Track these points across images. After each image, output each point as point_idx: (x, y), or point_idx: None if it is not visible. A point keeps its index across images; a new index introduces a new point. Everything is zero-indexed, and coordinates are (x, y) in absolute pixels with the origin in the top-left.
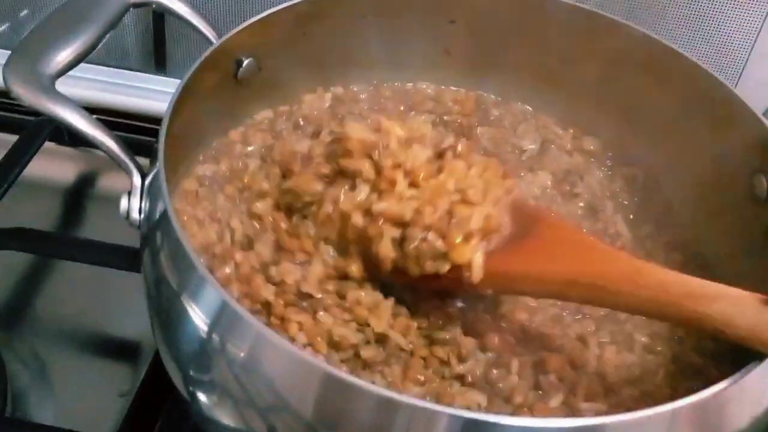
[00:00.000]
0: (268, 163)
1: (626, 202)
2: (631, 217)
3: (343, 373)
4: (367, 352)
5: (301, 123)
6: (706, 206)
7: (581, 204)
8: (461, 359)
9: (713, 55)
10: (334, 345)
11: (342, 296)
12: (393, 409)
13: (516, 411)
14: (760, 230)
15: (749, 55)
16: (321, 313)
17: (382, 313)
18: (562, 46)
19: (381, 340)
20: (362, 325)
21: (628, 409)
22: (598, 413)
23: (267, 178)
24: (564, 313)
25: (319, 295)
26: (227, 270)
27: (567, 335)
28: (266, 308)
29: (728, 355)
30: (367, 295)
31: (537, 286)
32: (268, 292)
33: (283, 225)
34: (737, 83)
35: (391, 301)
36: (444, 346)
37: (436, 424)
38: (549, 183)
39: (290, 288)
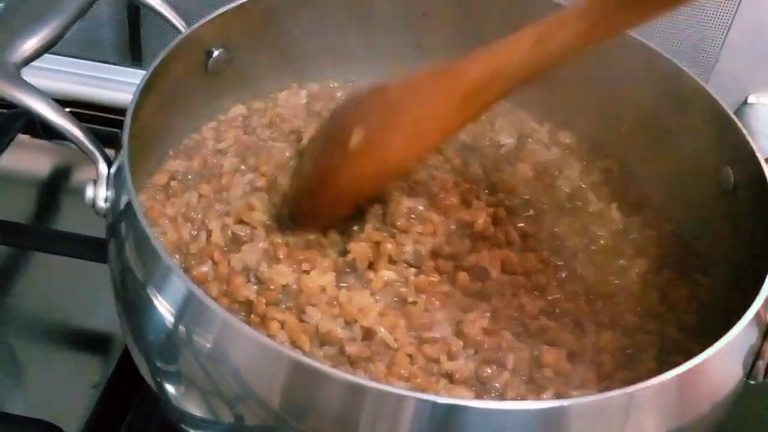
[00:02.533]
0: (251, 171)
1: (606, 193)
2: (615, 206)
3: (309, 360)
4: (352, 348)
5: (277, 121)
6: (681, 197)
7: (567, 190)
8: (451, 356)
9: (686, 49)
10: (320, 339)
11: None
12: (360, 395)
13: None
14: (730, 220)
15: (720, 49)
16: (309, 307)
17: (371, 309)
18: None
19: (367, 336)
20: (350, 321)
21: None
22: None
23: (252, 189)
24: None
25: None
26: (204, 268)
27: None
28: (246, 307)
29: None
30: (357, 294)
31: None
32: (249, 291)
33: (279, 239)
34: (709, 77)
35: (380, 304)
36: (433, 345)
37: (404, 410)
38: (530, 175)
39: (276, 288)
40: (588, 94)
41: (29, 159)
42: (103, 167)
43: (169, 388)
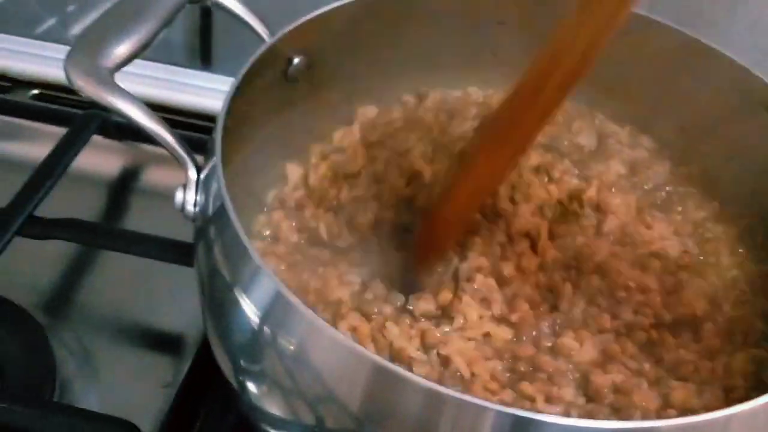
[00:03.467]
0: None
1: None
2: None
3: (392, 365)
4: (420, 369)
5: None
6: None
7: (663, 193)
8: (549, 400)
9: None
10: (390, 353)
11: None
12: (440, 403)
13: None
14: None
15: None
16: (389, 323)
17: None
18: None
19: (444, 363)
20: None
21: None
22: None
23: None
24: None
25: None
26: None
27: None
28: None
29: None
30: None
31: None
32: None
33: None
34: None
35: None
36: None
37: (483, 420)
38: (623, 171)
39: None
40: (666, 98)
41: (103, 160)
42: (192, 172)
43: (252, 387)
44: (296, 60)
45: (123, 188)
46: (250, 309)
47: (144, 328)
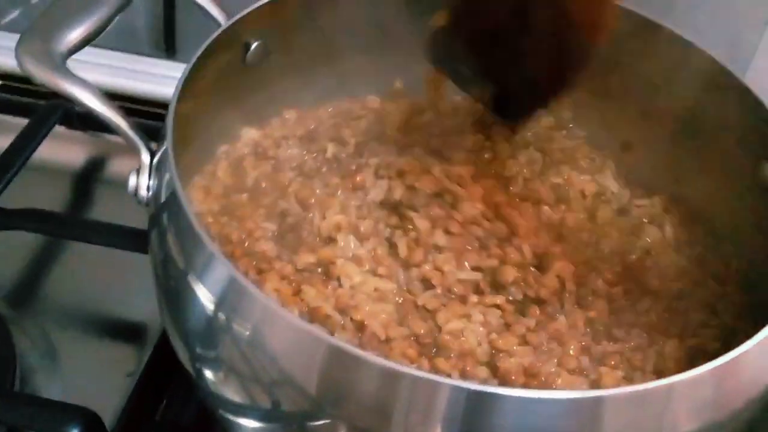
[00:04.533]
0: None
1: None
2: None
3: (348, 346)
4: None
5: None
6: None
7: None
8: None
9: (723, 45)
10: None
11: None
12: (395, 381)
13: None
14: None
15: (758, 47)
16: (304, 286)
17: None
18: None
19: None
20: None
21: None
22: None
23: None
24: None
25: None
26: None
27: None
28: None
29: None
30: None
31: None
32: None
33: None
34: (746, 74)
35: None
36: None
37: (438, 396)
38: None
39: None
40: (626, 93)
41: (65, 150)
42: (146, 156)
43: (208, 374)
44: (254, 45)
45: (86, 179)
46: (204, 295)
47: (107, 318)
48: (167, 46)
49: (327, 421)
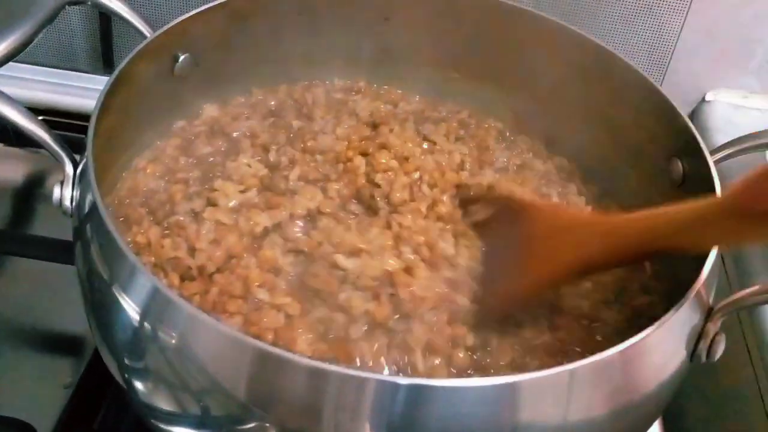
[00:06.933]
0: None
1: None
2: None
3: (272, 348)
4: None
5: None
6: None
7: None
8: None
9: (642, 48)
10: None
11: None
12: (321, 379)
13: None
14: None
15: (675, 48)
16: None
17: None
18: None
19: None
20: None
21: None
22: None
23: None
24: None
25: None
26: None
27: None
28: None
29: None
30: None
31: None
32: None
33: None
34: (665, 76)
35: None
36: None
37: (366, 391)
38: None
39: None
40: (539, 91)
41: (2, 166)
42: (69, 168)
43: (138, 384)
44: (182, 57)
45: (25, 195)
46: (129, 307)
47: (45, 331)
48: (105, 63)
49: (257, 423)
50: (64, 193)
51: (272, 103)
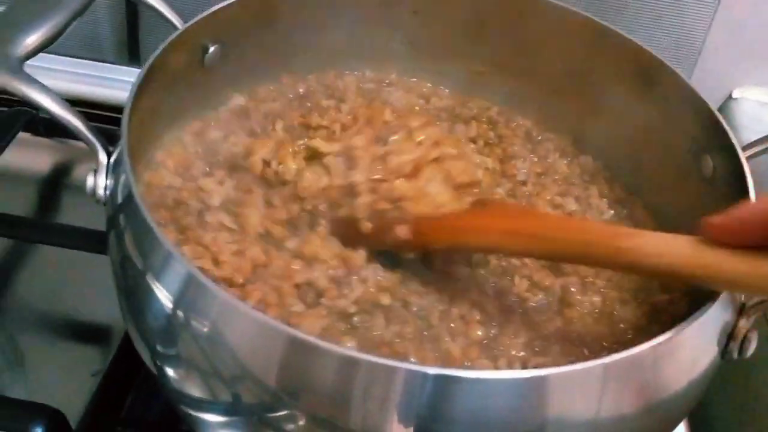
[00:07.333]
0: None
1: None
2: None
3: (304, 335)
4: None
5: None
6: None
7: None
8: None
9: (669, 45)
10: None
11: None
12: (351, 367)
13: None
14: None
15: (703, 45)
16: None
17: None
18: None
19: None
20: None
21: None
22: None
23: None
24: None
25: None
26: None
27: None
28: None
29: None
30: None
31: (479, 237)
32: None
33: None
34: (693, 73)
35: None
36: None
37: (395, 380)
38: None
39: None
40: (568, 86)
41: (30, 156)
42: (103, 156)
43: (169, 371)
44: (212, 48)
45: (53, 185)
46: (162, 294)
47: (73, 319)
48: (131, 54)
49: (287, 412)
50: (98, 182)
51: (301, 90)
